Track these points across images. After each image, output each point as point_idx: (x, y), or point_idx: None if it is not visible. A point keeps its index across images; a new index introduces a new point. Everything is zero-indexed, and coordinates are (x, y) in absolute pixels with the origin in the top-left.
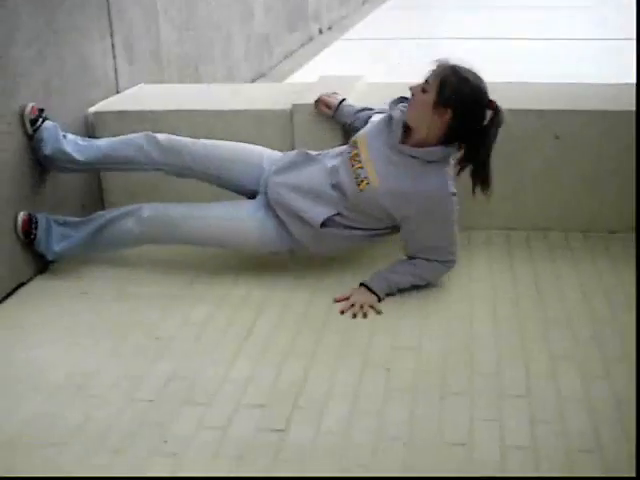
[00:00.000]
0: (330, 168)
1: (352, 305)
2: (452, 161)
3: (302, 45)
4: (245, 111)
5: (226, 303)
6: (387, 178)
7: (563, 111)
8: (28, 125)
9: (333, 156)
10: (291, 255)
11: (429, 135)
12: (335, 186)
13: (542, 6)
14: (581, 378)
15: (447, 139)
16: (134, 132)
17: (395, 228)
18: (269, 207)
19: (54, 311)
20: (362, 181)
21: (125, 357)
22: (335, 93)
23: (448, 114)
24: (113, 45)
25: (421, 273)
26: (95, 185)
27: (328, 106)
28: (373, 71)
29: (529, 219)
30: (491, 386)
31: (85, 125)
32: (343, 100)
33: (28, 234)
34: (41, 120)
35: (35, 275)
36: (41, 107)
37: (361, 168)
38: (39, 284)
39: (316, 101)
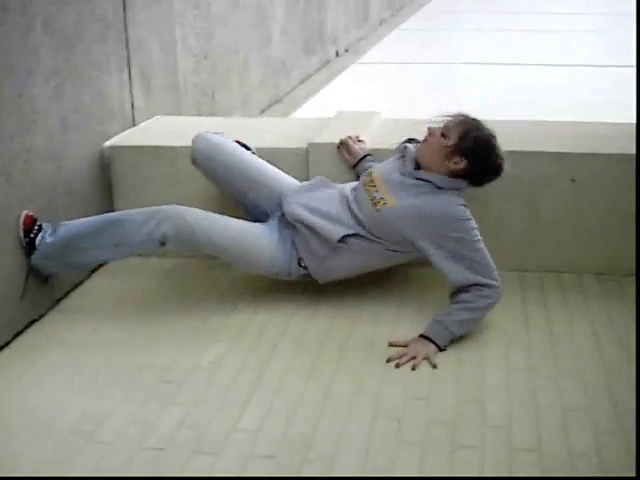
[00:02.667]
0: (346, 195)
1: (405, 355)
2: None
3: (319, 69)
4: (261, 149)
5: (238, 345)
6: (402, 198)
7: (580, 154)
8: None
9: (349, 187)
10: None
11: (438, 173)
12: (351, 211)
13: (558, 30)
14: (593, 431)
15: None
16: (150, 167)
17: (413, 252)
18: (283, 230)
19: (64, 351)
20: (378, 202)
21: (136, 401)
22: (361, 141)
23: (463, 163)
24: (130, 77)
25: (475, 305)
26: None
27: (350, 153)
28: (388, 99)
29: (543, 261)
30: (502, 439)
31: (101, 159)
32: (367, 155)
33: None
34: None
35: (46, 312)
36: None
37: (376, 191)
38: (50, 321)
39: (340, 142)
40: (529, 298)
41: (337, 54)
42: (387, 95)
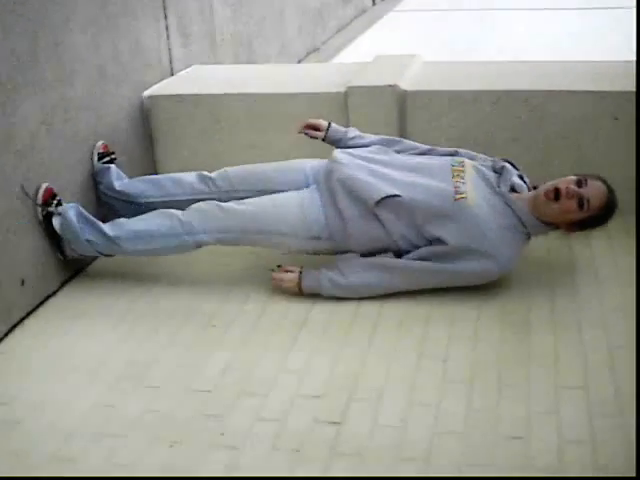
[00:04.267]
0: (416, 163)
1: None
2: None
3: (355, 17)
4: (300, 94)
5: (281, 292)
6: (483, 208)
7: (622, 92)
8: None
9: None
10: (324, 250)
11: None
12: (423, 172)
13: None
14: None
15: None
16: (190, 116)
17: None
18: (316, 192)
19: (111, 299)
20: (461, 194)
21: (182, 346)
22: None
23: (574, 230)
24: (167, 26)
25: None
26: None
27: (318, 129)
28: (427, 46)
29: None
30: (548, 377)
31: (140, 109)
32: (330, 123)
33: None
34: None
35: (91, 262)
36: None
37: (463, 184)
38: (96, 270)
39: (305, 126)
40: (575, 239)
41: (374, 2)
42: (424, 42)
